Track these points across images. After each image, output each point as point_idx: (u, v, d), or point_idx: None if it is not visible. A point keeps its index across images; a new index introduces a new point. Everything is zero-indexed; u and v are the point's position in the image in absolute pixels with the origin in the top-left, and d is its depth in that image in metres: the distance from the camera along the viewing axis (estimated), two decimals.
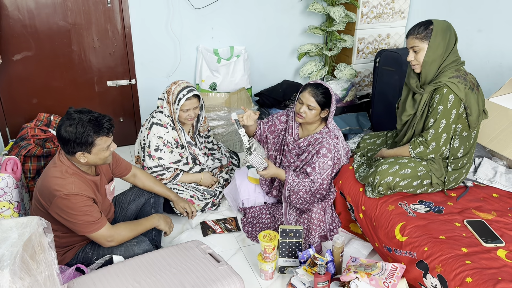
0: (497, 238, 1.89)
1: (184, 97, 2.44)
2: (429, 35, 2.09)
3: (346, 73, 3.66)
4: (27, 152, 2.67)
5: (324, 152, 2.39)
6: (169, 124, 2.54)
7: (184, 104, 2.46)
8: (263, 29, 3.71)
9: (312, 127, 2.49)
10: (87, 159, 1.88)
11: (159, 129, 2.51)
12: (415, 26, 2.15)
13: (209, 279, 1.77)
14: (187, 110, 2.49)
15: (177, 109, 2.47)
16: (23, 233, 1.25)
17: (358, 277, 1.86)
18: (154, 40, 3.40)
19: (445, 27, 2.10)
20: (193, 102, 2.49)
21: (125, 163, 2.30)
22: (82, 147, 1.83)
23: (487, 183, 2.34)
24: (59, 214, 1.84)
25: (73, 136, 1.80)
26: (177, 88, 2.48)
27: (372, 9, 3.59)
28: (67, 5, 3.05)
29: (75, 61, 3.23)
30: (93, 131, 1.82)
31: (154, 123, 2.52)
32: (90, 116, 1.83)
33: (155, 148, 2.51)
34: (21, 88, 3.17)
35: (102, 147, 1.88)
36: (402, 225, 2.04)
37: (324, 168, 2.40)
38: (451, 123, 2.10)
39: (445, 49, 2.10)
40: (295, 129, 2.55)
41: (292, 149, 2.54)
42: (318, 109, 2.38)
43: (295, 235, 2.18)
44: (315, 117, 2.40)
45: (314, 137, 2.46)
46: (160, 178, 2.56)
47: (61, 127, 1.82)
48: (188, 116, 2.51)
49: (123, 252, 2.00)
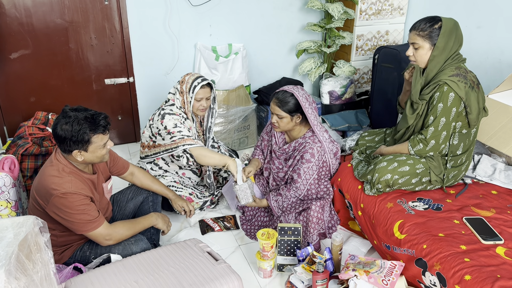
0: (496, 235, 1.88)
1: (199, 85, 2.45)
2: (432, 35, 2.07)
3: (345, 70, 3.65)
4: (24, 150, 2.66)
5: (308, 157, 2.39)
6: (182, 115, 2.52)
7: (198, 93, 2.46)
8: (261, 26, 3.70)
9: (295, 132, 2.49)
10: (84, 157, 1.87)
11: (173, 116, 2.48)
12: (420, 21, 2.12)
13: (207, 278, 1.77)
14: (200, 99, 2.49)
15: (192, 98, 2.47)
16: (19, 232, 1.25)
17: (357, 275, 1.85)
18: (152, 37, 3.38)
19: (452, 27, 2.07)
20: (206, 91, 2.50)
21: (123, 161, 2.29)
22: (78, 145, 1.82)
23: (486, 180, 2.33)
24: (57, 213, 1.84)
25: (69, 134, 1.79)
26: (191, 77, 2.50)
27: (370, 6, 3.57)
28: (64, 2, 3.04)
29: (73, 59, 3.22)
30: (89, 128, 1.81)
31: (166, 113, 2.48)
32: (86, 114, 1.83)
33: (173, 126, 2.45)
34: (19, 87, 3.15)
35: (99, 144, 1.87)
36: (400, 222, 2.04)
37: (309, 173, 2.41)
38: (451, 121, 2.09)
39: (450, 49, 2.09)
40: (279, 137, 2.57)
41: (279, 155, 2.56)
42: (287, 116, 2.37)
43: (294, 233, 2.18)
44: (288, 124, 2.40)
45: (298, 142, 2.47)
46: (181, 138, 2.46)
47: (57, 125, 1.81)
48: (201, 106, 2.51)
49: (121, 251, 2.00)
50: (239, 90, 3.52)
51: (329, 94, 3.62)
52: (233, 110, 3.39)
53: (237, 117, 3.43)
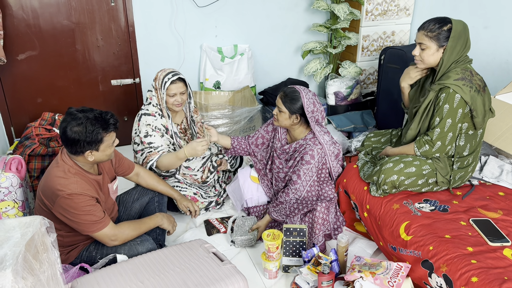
0: (503, 237, 1.87)
1: (169, 80, 2.44)
2: (440, 36, 2.05)
3: (351, 70, 3.64)
4: (31, 151, 2.68)
5: (308, 158, 2.39)
6: (157, 112, 2.53)
7: (169, 88, 2.45)
8: (267, 27, 3.70)
9: (297, 132, 2.48)
10: (94, 157, 1.88)
11: (147, 118, 2.51)
12: (430, 21, 2.10)
13: (213, 278, 1.77)
14: (173, 94, 2.48)
15: (164, 94, 2.47)
16: (26, 232, 1.25)
17: (363, 276, 1.85)
18: (158, 39, 3.40)
19: (462, 30, 2.05)
20: (178, 86, 2.47)
21: (128, 162, 2.30)
22: (92, 145, 1.83)
23: (493, 182, 2.32)
24: (62, 213, 1.84)
25: (83, 135, 1.80)
26: (163, 73, 2.49)
27: (376, 6, 3.56)
28: (71, 4, 3.06)
29: (79, 60, 3.24)
30: (101, 128, 1.83)
31: (143, 114, 2.53)
32: (95, 113, 1.84)
33: (145, 135, 2.50)
34: (26, 88, 3.18)
35: (109, 143, 1.90)
36: (407, 224, 2.03)
37: (309, 175, 2.40)
38: (457, 122, 2.08)
39: (458, 52, 2.07)
40: (282, 135, 2.57)
41: (280, 154, 2.55)
42: (286, 112, 2.38)
43: (299, 234, 2.17)
44: (286, 120, 2.40)
45: (299, 144, 2.47)
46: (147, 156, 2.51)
47: (66, 128, 1.80)
48: (175, 101, 2.49)
49: (127, 251, 2.00)
50: (244, 91, 3.52)
51: (335, 95, 3.62)
52: (239, 111, 3.40)
53: (242, 118, 3.43)
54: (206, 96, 3.45)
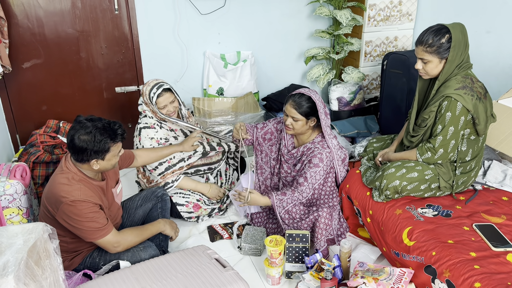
0: (507, 242, 1.86)
1: (155, 95, 2.45)
2: (440, 50, 2.03)
3: (354, 76, 3.65)
4: (36, 158, 2.70)
5: (316, 162, 2.37)
6: (156, 123, 2.55)
7: (158, 102, 2.47)
8: (269, 33, 3.72)
9: (305, 136, 2.47)
10: (99, 166, 1.90)
11: (148, 132, 2.53)
12: (427, 35, 2.06)
13: (215, 285, 1.77)
14: (164, 106, 2.49)
15: (155, 108, 2.49)
16: (28, 239, 1.26)
17: (366, 282, 1.84)
18: (162, 46, 3.42)
19: (460, 35, 2.03)
20: (166, 97, 2.48)
21: (127, 152, 2.28)
22: (98, 155, 1.85)
23: (497, 186, 2.31)
24: (66, 220, 1.86)
25: (91, 144, 1.81)
26: (147, 88, 2.49)
27: (379, 12, 3.57)
28: (75, 13, 3.09)
29: (84, 68, 3.27)
30: (109, 138, 1.84)
31: (141, 128, 2.54)
32: (103, 123, 1.85)
33: None
34: (31, 95, 3.21)
35: (115, 153, 1.91)
36: (409, 229, 2.02)
37: (316, 178, 2.38)
38: (459, 130, 2.07)
39: (461, 55, 2.06)
40: (288, 140, 2.55)
41: (287, 159, 2.54)
42: (303, 119, 2.35)
43: (302, 239, 2.17)
44: (303, 127, 2.38)
45: (307, 147, 2.45)
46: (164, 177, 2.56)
47: (74, 136, 1.82)
48: (168, 111, 2.52)
49: (130, 257, 2.01)
50: (247, 97, 3.53)
51: (338, 100, 3.62)
52: (242, 117, 3.41)
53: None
54: (209, 103, 3.46)
